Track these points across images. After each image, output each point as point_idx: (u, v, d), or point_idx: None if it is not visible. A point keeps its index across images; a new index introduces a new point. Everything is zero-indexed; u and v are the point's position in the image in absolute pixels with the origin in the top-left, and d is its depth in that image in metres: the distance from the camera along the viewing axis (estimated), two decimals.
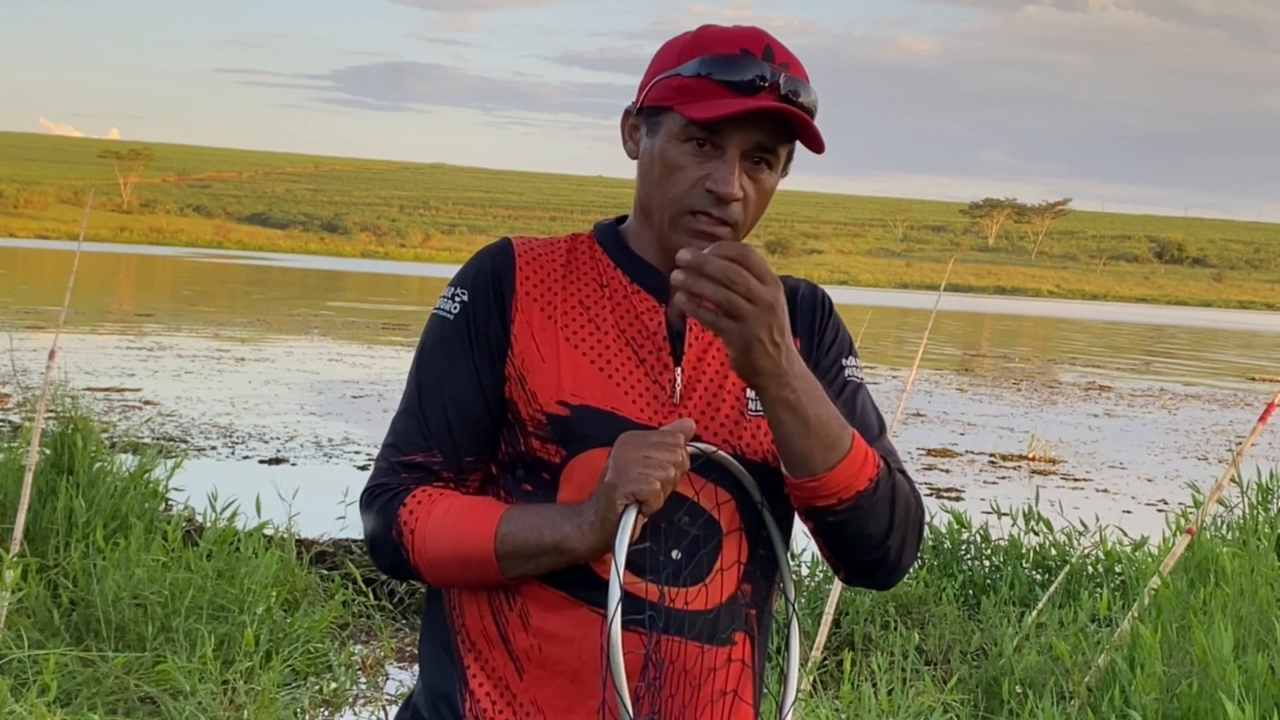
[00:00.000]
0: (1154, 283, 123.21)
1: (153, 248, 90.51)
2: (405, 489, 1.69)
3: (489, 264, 1.74)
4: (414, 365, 1.75)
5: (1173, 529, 6.39)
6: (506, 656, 1.69)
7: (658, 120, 1.70)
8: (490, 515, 1.65)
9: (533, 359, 1.70)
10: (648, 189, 1.72)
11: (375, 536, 1.70)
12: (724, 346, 1.65)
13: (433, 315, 1.75)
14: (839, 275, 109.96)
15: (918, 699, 4.60)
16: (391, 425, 1.74)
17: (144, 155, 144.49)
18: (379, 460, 1.73)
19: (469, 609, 1.72)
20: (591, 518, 1.59)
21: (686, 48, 1.70)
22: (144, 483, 6.39)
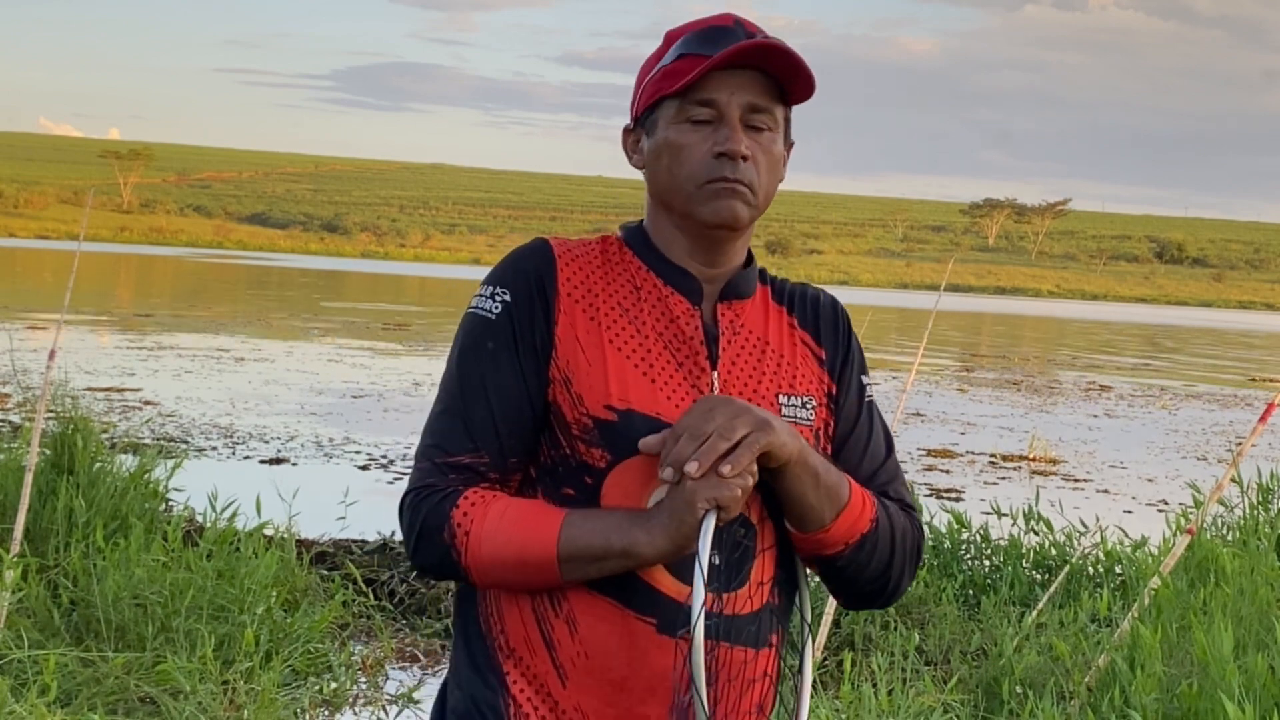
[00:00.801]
0: (1154, 283, 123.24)
1: (153, 248, 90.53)
2: (455, 490, 1.66)
3: (529, 264, 1.73)
4: (452, 365, 1.72)
5: (1173, 529, 6.39)
6: (550, 663, 1.67)
7: (654, 118, 1.75)
8: (552, 518, 1.64)
9: (578, 361, 1.69)
10: (661, 180, 1.76)
11: (423, 536, 1.66)
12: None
13: (470, 314, 1.73)
14: (839, 275, 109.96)
15: (918, 699, 4.60)
16: (429, 426, 1.72)
17: (144, 155, 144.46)
18: (421, 461, 1.70)
19: (509, 615, 1.70)
20: (665, 521, 1.59)
21: (663, 49, 1.76)
22: (144, 483, 6.39)
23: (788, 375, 1.78)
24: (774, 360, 1.78)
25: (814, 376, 1.81)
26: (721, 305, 1.77)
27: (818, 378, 1.81)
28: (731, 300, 1.78)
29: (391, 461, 11.63)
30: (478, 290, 1.74)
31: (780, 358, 1.79)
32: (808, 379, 1.80)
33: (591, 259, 1.77)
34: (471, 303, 1.74)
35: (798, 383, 1.78)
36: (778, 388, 1.77)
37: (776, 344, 1.80)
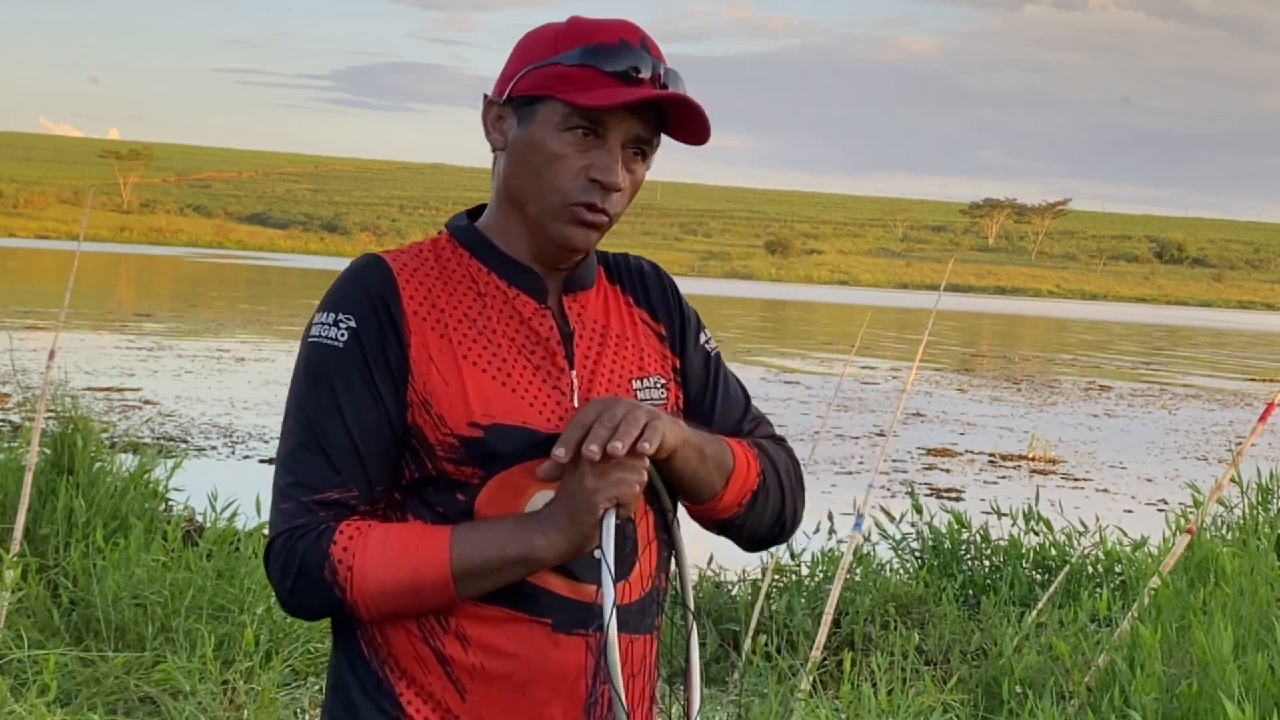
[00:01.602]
0: (1154, 283, 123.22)
1: (153, 248, 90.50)
2: (328, 526, 1.61)
3: (370, 286, 1.65)
4: (301, 399, 1.65)
5: (1173, 529, 6.39)
6: (446, 679, 1.65)
7: (532, 110, 1.66)
8: (438, 537, 1.61)
9: (435, 382, 1.64)
10: (522, 179, 1.68)
11: (301, 578, 1.60)
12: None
13: (314, 344, 1.65)
14: (839, 275, 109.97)
15: (918, 699, 4.60)
16: (286, 464, 1.64)
17: (144, 155, 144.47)
18: (284, 501, 1.63)
19: (394, 636, 1.66)
20: (563, 522, 1.59)
21: (562, 38, 1.67)
22: (144, 483, 6.39)
23: (635, 359, 1.77)
24: (620, 346, 1.77)
25: (658, 354, 1.80)
26: (567, 299, 1.74)
27: (661, 355, 1.81)
28: (576, 293, 1.76)
29: None
30: (315, 318, 1.66)
31: (626, 342, 1.78)
32: (653, 359, 1.79)
33: (428, 269, 1.70)
34: (311, 331, 1.66)
35: (646, 364, 1.78)
36: (629, 374, 1.76)
37: (619, 329, 1.78)
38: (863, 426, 15.98)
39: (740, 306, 53.67)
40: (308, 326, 1.67)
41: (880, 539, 7.09)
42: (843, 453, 13.80)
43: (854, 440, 14.78)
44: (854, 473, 12.53)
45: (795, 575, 6.65)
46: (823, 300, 66.73)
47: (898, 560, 6.96)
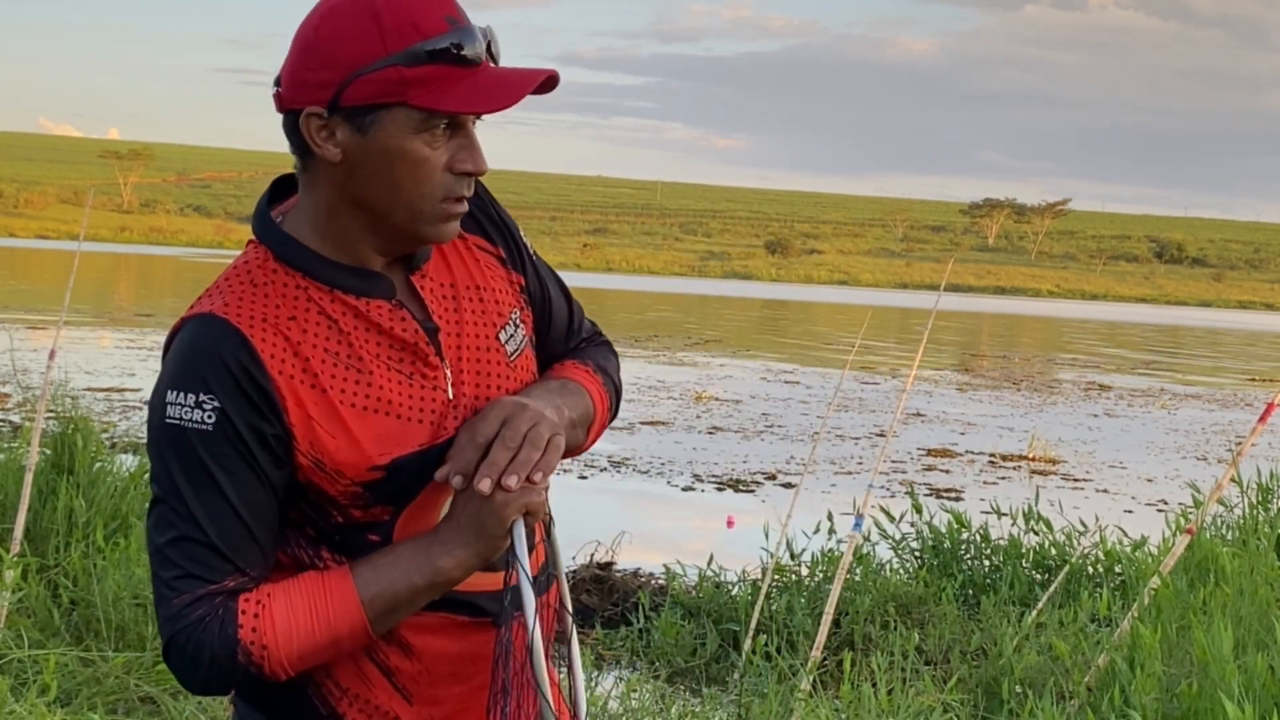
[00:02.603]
0: (1154, 283, 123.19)
1: (153, 248, 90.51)
2: (229, 608, 1.55)
3: (225, 357, 1.53)
4: (175, 486, 1.54)
5: (1173, 529, 6.39)
6: (391, 689, 1.65)
7: (375, 117, 1.54)
8: (343, 588, 1.57)
9: (322, 440, 1.56)
10: (379, 189, 1.57)
11: (213, 671, 1.55)
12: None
13: (175, 428, 1.53)
14: (839, 275, 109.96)
15: (918, 699, 4.60)
16: (168, 557, 1.54)
17: (144, 155, 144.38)
18: (175, 598, 1.54)
19: (335, 660, 1.63)
20: (470, 539, 1.57)
21: (374, 34, 1.52)
22: (144, 483, 6.39)
23: (492, 306, 1.71)
24: (473, 298, 1.70)
25: (504, 283, 1.75)
26: (415, 278, 1.66)
27: (507, 281, 1.76)
28: (419, 267, 1.67)
29: None
30: (167, 396, 1.55)
31: (476, 290, 1.71)
32: (504, 291, 1.74)
33: (270, 307, 1.57)
34: (168, 413, 1.54)
35: (501, 305, 1.72)
36: (492, 327, 1.70)
37: (465, 277, 1.71)
38: (863, 426, 15.98)
39: (740, 306, 53.68)
40: (159, 405, 1.55)
41: (880, 539, 7.09)
42: (843, 453, 13.80)
43: (854, 440, 14.78)
44: (854, 473, 12.53)
45: (795, 575, 6.65)
46: (823, 300, 66.76)
47: (898, 560, 6.97)
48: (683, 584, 6.91)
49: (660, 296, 57.74)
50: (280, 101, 1.58)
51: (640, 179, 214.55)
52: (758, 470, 12.41)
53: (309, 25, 1.56)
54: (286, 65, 1.58)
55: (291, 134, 1.58)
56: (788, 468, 12.63)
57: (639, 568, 7.78)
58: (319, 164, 1.58)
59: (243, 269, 1.62)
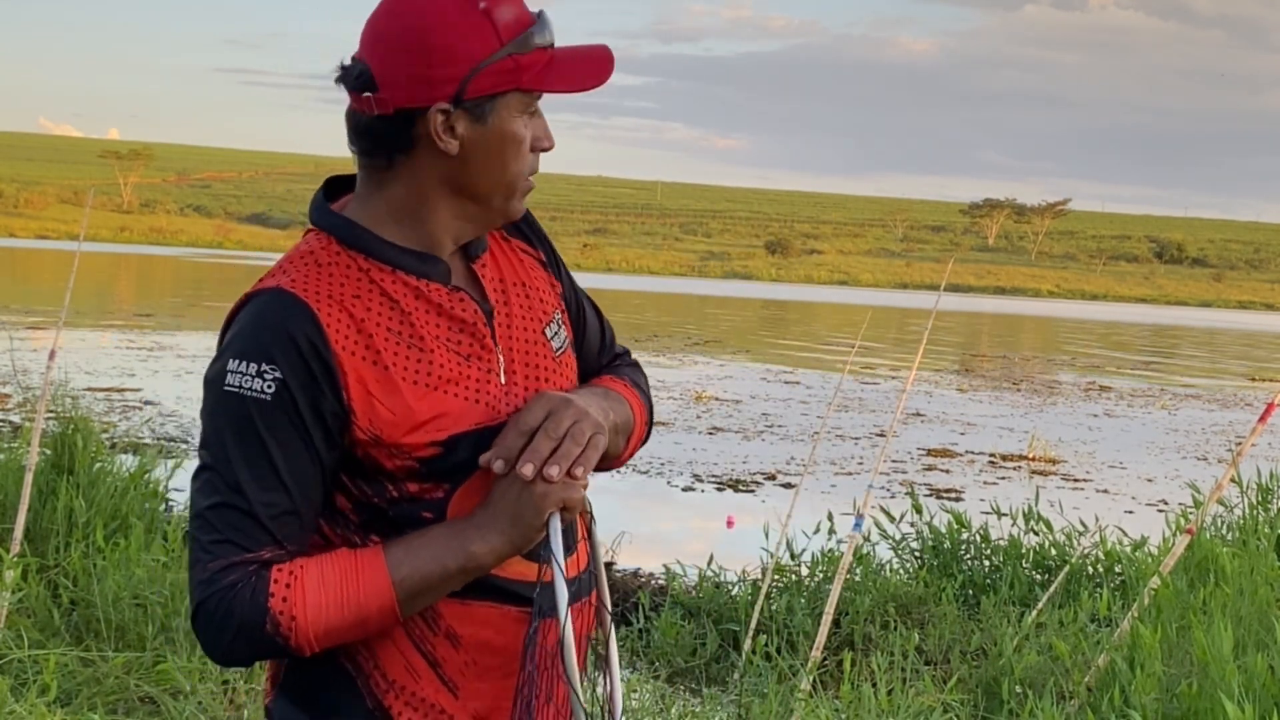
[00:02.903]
0: (1154, 283, 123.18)
1: (153, 248, 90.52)
2: (261, 577, 1.55)
3: (294, 331, 1.56)
4: (225, 453, 1.55)
5: (1173, 529, 6.39)
6: (438, 682, 1.65)
7: (491, 105, 1.61)
8: (375, 566, 1.58)
9: (382, 417, 1.58)
10: (491, 174, 1.64)
11: (240, 638, 1.55)
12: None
13: (234, 395, 1.55)
14: (839, 275, 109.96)
15: (918, 699, 4.60)
16: (210, 521, 1.56)
17: (144, 155, 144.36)
18: (210, 562, 1.55)
19: (383, 650, 1.64)
20: (505, 526, 1.60)
21: (489, 28, 1.59)
22: (144, 483, 6.39)
23: (537, 304, 1.77)
24: (520, 294, 1.76)
25: (547, 285, 1.81)
26: (476, 266, 1.73)
27: (549, 284, 1.82)
28: (478, 255, 1.74)
29: None
30: (228, 364, 1.56)
31: (522, 286, 1.77)
32: (546, 293, 1.80)
33: (335, 285, 1.61)
34: (227, 380, 1.55)
35: (546, 304, 1.78)
36: (539, 323, 1.76)
37: (512, 274, 1.77)
38: (863, 426, 15.97)
39: (740, 306, 53.68)
40: (220, 373, 1.57)
41: (880, 539, 7.09)
42: (843, 453, 13.80)
43: (854, 440, 14.78)
44: (854, 473, 12.53)
45: (795, 575, 6.65)
46: (823, 300, 66.76)
47: (898, 560, 6.97)
48: (683, 584, 6.91)
49: (660, 296, 57.73)
50: (381, 104, 1.60)
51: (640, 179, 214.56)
52: (758, 470, 12.41)
53: (409, 26, 1.58)
54: (385, 68, 1.59)
55: (391, 132, 1.61)
56: (788, 468, 12.63)
57: (639, 568, 7.79)
58: (420, 157, 1.62)
59: (306, 252, 1.65)
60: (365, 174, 1.67)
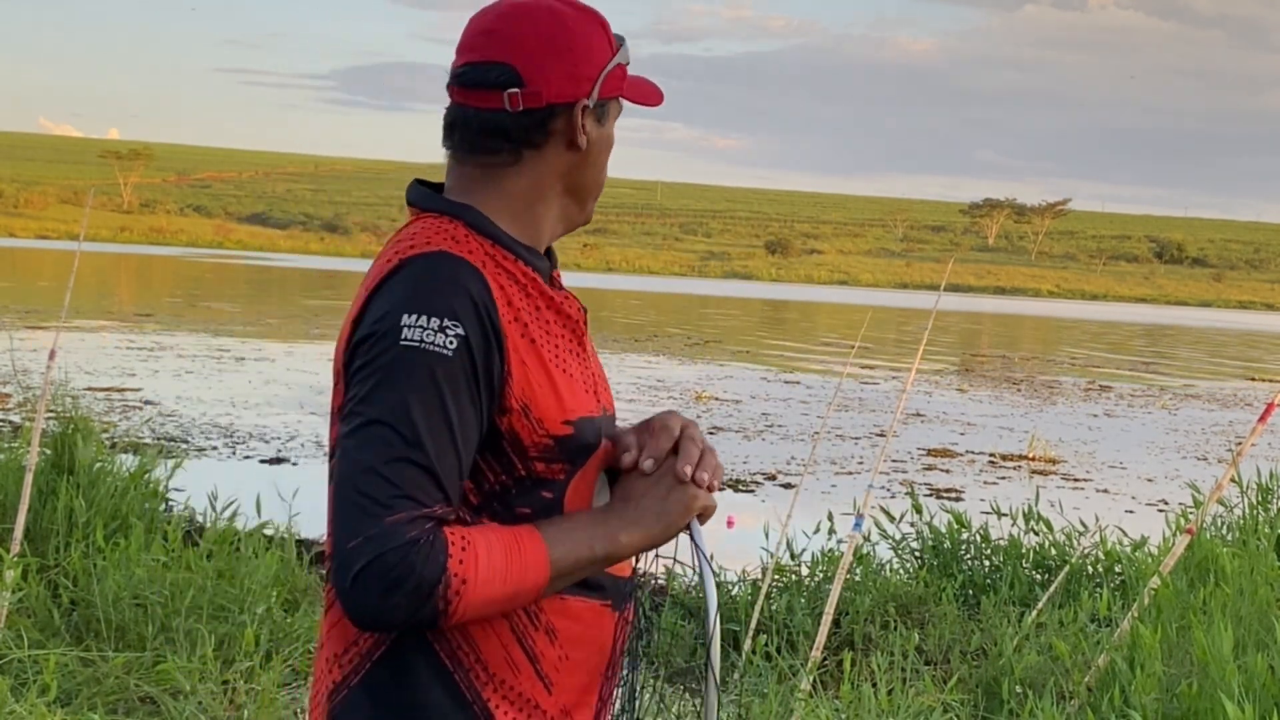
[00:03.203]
0: (1154, 283, 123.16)
1: (153, 248, 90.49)
2: (438, 538, 1.53)
3: (474, 292, 1.60)
4: (405, 406, 1.54)
5: (1173, 529, 6.39)
6: (535, 677, 1.67)
7: (607, 109, 1.75)
8: (534, 543, 1.60)
9: (532, 388, 1.63)
10: (596, 174, 1.77)
11: (410, 596, 1.51)
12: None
13: (418, 350, 1.55)
14: (839, 275, 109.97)
15: (918, 699, 4.60)
16: (384, 475, 1.53)
17: (144, 155, 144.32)
18: (388, 516, 1.51)
19: (485, 642, 1.63)
20: (652, 523, 1.67)
21: (606, 36, 1.73)
22: (144, 483, 6.39)
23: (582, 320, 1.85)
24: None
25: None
26: (555, 273, 1.78)
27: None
28: (556, 264, 1.81)
29: None
30: (410, 319, 1.57)
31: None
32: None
33: (489, 265, 1.66)
34: (412, 335, 1.56)
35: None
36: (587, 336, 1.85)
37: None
38: (863, 426, 15.98)
39: (740, 306, 53.67)
40: (393, 328, 1.56)
41: (880, 539, 7.09)
42: (843, 453, 13.80)
43: (854, 440, 14.78)
44: (854, 473, 12.53)
45: (795, 575, 6.65)
46: (823, 300, 66.75)
47: (898, 560, 6.96)
48: (682, 584, 6.91)
49: (660, 296, 57.72)
50: (531, 99, 1.68)
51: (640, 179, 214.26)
52: (758, 470, 12.41)
53: (555, 28, 1.68)
54: (534, 66, 1.67)
55: (529, 127, 1.69)
56: (788, 468, 12.63)
57: (638, 568, 7.78)
58: (548, 153, 1.71)
59: (440, 228, 1.67)
60: (480, 171, 1.72)
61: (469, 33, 1.72)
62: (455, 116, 1.71)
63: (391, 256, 1.64)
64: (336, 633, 1.67)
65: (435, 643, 1.62)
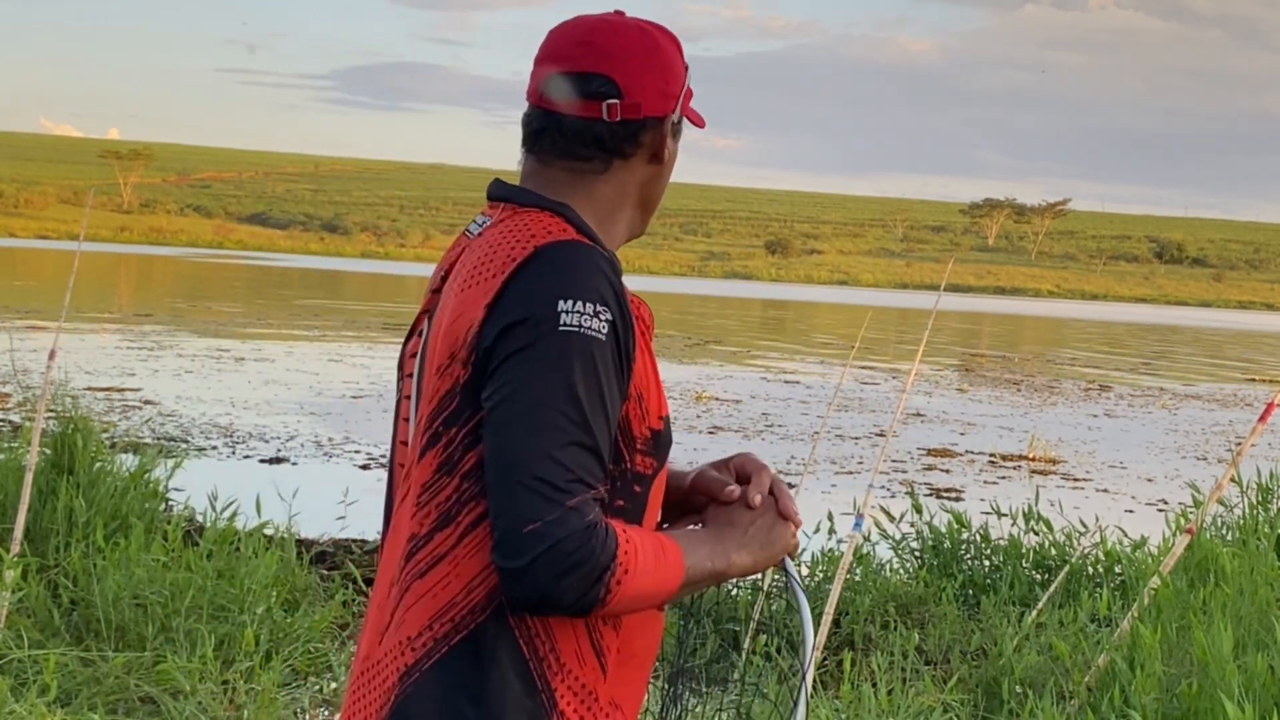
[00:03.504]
0: (1154, 283, 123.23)
1: (153, 248, 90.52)
2: (610, 528, 1.59)
3: (614, 281, 1.67)
4: (571, 389, 1.59)
5: (1173, 529, 6.39)
6: (598, 668, 1.70)
7: (680, 127, 1.86)
8: (674, 550, 1.67)
9: (645, 377, 1.71)
10: (661, 188, 1.86)
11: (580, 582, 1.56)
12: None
13: (578, 334, 1.60)
14: (839, 275, 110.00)
15: (918, 699, 4.60)
16: (556, 459, 1.57)
17: (144, 155, 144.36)
18: (569, 500, 1.56)
19: (560, 632, 1.66)
20: (757, 549, 1.76)
21: (682, 54, 1.83)
22: (144, 483, 6.39)
23: None
24: None
25: None
26: None
27: None
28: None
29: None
30: (568, 305, 1.61)
31: None
32: None
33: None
34: (570, 321, 1.60)
35: None
36: None
37: None
38: (863, 426, 15.98)
39: (740, 306, 53.67)
40: (550, 314, 1.60)
41: (880, 539, 7.09)
42: (843, 453, 13.81)
43: (854, 440, 14.78)
44: (854, 473, 12.53)
45: None
46: (823, 300, 66.75)
47: (898, 560, 6.96)
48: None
49: (660, 296, 57.75)
50: (630, 110, 1.76)
51: None
52: None
53: (649, 44, 1.78)
54: (633, 79, 1.76)
55: (622, 137, 1.77)
56: (788, 468, 12.63)
57: None
58: (634, 164, 1.80)
59: (554, 224, 1.73)
60: (569, 175, 1.78)
61: (561, 44, 1.78)
62: (547, 122, 1.77)
63: (516, 244, 1.68)
64: (411, 617, 1.68)
65: (516, 630, 1.65)
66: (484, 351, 1.63)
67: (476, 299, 1.66)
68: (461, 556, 1.66)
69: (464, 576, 1.65)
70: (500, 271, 1.66)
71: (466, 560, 1.65)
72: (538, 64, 1.80)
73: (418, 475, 1.70)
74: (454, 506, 1.66)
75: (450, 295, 1.71)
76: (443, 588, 1.66)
